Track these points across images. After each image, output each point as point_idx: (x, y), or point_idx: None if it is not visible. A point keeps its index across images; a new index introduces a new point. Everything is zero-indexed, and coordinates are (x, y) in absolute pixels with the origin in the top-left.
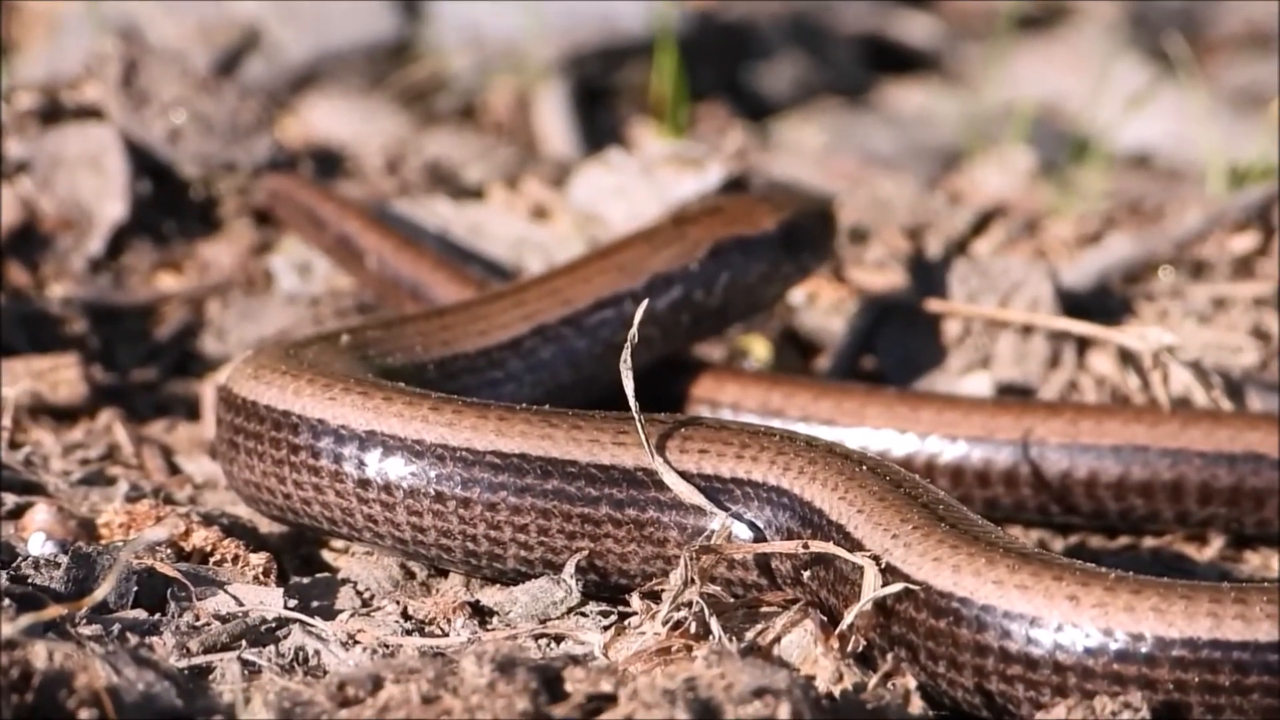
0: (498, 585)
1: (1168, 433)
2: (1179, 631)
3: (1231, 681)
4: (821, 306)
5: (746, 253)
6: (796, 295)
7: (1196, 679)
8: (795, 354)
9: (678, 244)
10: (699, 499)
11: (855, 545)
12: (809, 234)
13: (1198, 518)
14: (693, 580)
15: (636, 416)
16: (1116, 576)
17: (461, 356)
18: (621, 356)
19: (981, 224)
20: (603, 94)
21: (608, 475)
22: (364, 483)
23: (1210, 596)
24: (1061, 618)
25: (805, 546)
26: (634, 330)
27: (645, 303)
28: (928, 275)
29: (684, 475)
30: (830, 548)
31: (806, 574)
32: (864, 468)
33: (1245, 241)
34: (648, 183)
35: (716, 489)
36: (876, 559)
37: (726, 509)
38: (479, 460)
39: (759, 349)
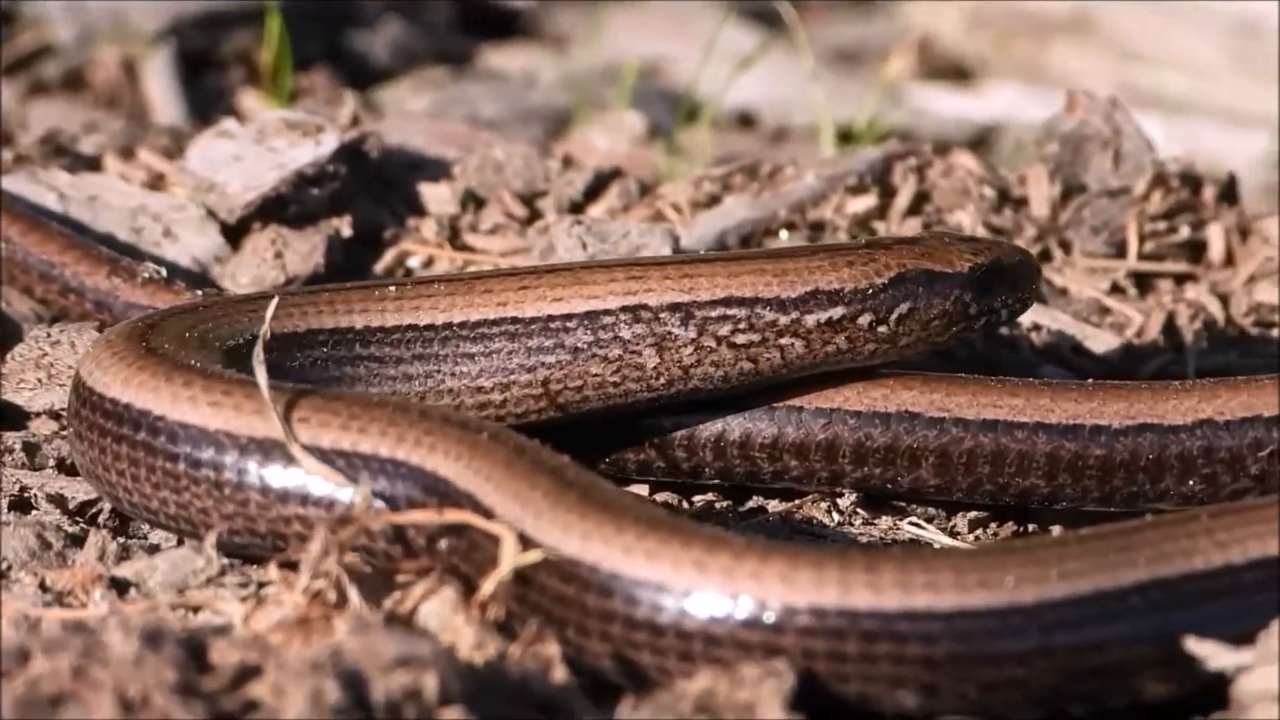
0: (139, 554)
1: (821, 393)
2: (806, 599)
3: (859, 650)
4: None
5: (931, 288)
6: None
7: (823, 647)
8: None
9: (860, 265)
10: (327, 471)
11: (486, 513)
12: (1006, 280)
13: (852, 478)
14: (329, 550)
15: (263, 385)
16: (745, 543)
17: (518, 321)
18: (260, 337)
19: (597, 188)
20: (209, 62)
21: (187, 434)
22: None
23: (839, 564)
24: (687, 584)
25: (442, 515)
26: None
27: (275, 301)
28: (546, 239)
29: (278, 444)
30: (468, 516)
31: (442, 543)
32: (485, 435)
33: (863, 203)
34: (264, 151)
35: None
36: (511, 526)
37: (350, 480)
38: (100, 405)
39: None
